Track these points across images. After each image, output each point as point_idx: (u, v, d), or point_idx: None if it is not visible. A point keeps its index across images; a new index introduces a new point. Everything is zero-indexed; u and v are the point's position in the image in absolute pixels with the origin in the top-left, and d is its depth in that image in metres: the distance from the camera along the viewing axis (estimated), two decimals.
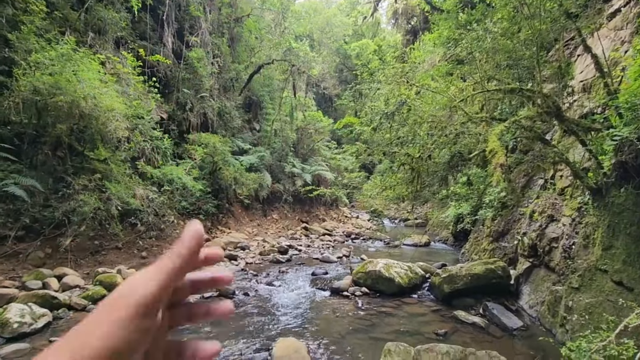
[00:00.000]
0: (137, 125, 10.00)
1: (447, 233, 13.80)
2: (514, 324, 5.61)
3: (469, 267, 6.72)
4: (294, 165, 17.14)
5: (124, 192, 8.70)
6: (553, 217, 6.46)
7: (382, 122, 6.30)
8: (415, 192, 6.74)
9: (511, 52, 5.96)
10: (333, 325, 5.70)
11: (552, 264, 6.06)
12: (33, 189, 7.22)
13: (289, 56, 17.35)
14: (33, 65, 7.22)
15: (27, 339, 4.68)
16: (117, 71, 9.76)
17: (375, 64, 7.52)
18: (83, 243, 7.94)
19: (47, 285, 6.21)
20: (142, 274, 0.35)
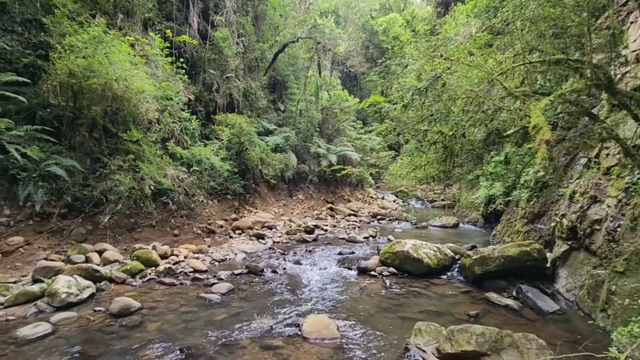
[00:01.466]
0: (167, 106, 10.17)
1: (477, 214, 13.42)
2: (550, 308, 5.42)
3: (502, 249, 6.51)
4: (319, 146, 17.03)
5: (156, 172, 8.96)
6: (596, 198, 6.08)
7: (414, 98, 6.05)
8: (446, 171, 6.51)
9: (557, 19, 5.49)
10: (361, 303, 5.72)
11: (593, 247, 5.75)
12: (73, 169, 7.56)
13: (314, 34, 16.94)
14: (67, 48, 7.41)
15: (74, 308, 5.00)
16: (146, 53, 9.88)
17: (406, 37, 7.17)
18: (120, 220, 8.31)
19: (89, 259, 6.57)
20: None
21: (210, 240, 9.50)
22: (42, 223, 7.20)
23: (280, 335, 4.52)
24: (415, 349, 4.03)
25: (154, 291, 5.98)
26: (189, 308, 5.32)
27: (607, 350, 2.28)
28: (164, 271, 6.67)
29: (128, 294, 5.61)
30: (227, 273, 6.90)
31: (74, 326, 4.56)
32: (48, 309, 4.90)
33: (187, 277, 6.67)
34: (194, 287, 6.22)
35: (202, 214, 10.76)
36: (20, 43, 7.68)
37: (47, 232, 7.15)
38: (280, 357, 4.01)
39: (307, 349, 4.19)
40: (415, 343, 4.10)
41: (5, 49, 7.39)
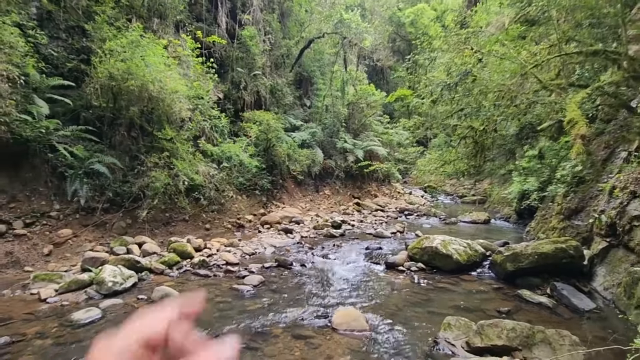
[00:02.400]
0: (198, 105, 10.55)
1: (509, 210, 13.03)
2: (586, 306, 5.26)
3: (536, 246, 6.34)
4: (346, 141, 17.04)
5: (189, 169, 9.35)
6: (636, 193, 5.80)
7: (443, 93, 5.97)
8: (476, 166, 6.40)
9: (593, 8, 5.26)
10: (389, 297, 5.78)
11: (631, 244, 5.51)
12: (114, 167, 8.04)
13: (340, 28, 16.90)
14: (107, 52, 7.85)
15: (119, 296, 5.38)
16: (178, 54, 10.27)
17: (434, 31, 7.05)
18: (157, 215, 8.76)
19: (130, 251, 7.01)
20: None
21: (239, 235, 9.82)
22: (87, 217, 7.72)
23: (311, 325, 4.67)
24: (444, 342, 4.06)
25: (190, 282, 6.31)
26: (223, 298, 5.58)
27: (633, 342, 2.25)
28: (198, 263, 7.00)
29: (167, 283, 5.95)
30: (257, 266, 7.14)
31: (120, 312, 4.92)
32: (97, 296, 5.31)
33: (220, 270, 6.96)
34: (226, 279, 6.50)
35: (231, 209, 11.11)
36: (64, 49, 8.22)
37: (92, 225, 7.66)
38: (312, 346, 4.16)
39: (337, 340, 4.32)
40: (445, 337, 4.13)
41: (52, 54, 7.93)
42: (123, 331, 0.34)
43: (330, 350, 4.11)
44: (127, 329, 0.35)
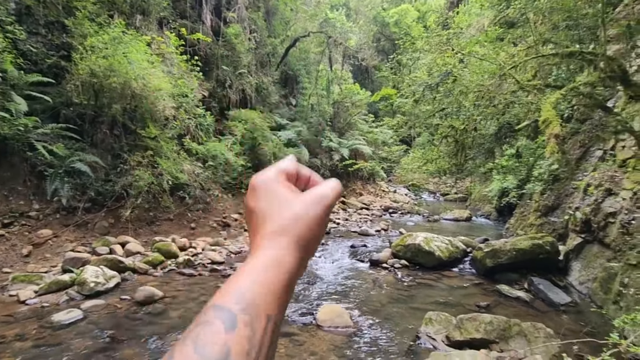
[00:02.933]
0: (182, 103, 10.43)
1: (490, 208, 13.36)
2: (562, 300, 5.47)
3: (514, 242, 6.55)
4: (331, 140, 17.11)
5: (174, 168, 9.25)
6: (611, 190, 6.06)
7: (425, 93, 6.10)
8: (458, 165, 6.55)
9: (571, 10, 5.46)
10: (373, 294, 5.88)
11: (607, 240, 5.76)
12: (96, 165, 7.89)
13: (325, 28, 16.95)
14: (89, 49, 7.69)
15: (102, 297, 5.30)
16: (162, 51, 10.13)
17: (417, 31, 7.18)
18: (140, 214, 8.63)
19: (113, 251, 6.90)
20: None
21: (225, 234, 9.78)
22: (68, 217, 7.56)
23: (296, 323, 4.72)
24: (425, 337, 4.17)
25: (175, 281, 6.27)
26: (208, 297, 5.45)
27: (609, 337, 2.37)
28: (183, 262, 6.95)
29: (151, 283, 5.90)
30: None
31: (102, 313, 4.86)
32: (78, 297, 5.22)
33: (205, 268, 6.94)
34: (212, 278, 6.48)
35: (217, 208, 11.04)
36: (44, 45, 8.00)
37: (73, 225, 7.50)
38: (296, 343, 4.21)
39: (322, 336, 4.38)
40: (426, 331, 4.24)
41: (31, 50, 7.72)
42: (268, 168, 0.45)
43: (315, 346, 4.16)
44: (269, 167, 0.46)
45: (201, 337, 0.31)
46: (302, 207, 0.41)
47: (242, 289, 0.35)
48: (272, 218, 0.41)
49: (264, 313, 0.34)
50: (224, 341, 0.30)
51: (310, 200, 0.42)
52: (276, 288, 0.36)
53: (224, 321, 0.32)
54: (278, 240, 0.39)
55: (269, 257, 0.38)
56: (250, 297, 0.34)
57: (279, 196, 0.42)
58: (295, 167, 0.48)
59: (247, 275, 0.36)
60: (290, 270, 0.38)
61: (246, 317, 0.32)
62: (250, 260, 0.38)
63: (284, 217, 0.40)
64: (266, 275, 0.36)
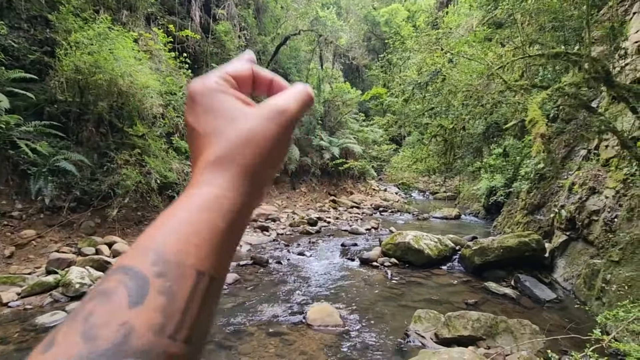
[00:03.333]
0: (170, 101, 10.28)
1: (478, 206, 13.54)
2: (547, 296, 5.58)
3: (502, 240, 6.65)
4: (322, 139, 17.12)
5: (162, 166, 9.12)
6: (595, 189, 6.19)
7: (415, 92, 6.13)
8: (447, 164, 6.62)
9: (557, 12, 5.55)
10: (363, 293, 5.90)
11: (590, 238, 5.88)
12: (81, 164, 7.73)
13: (316, 26, 16.92)
14: (73, 45, 7.52)
15: None
16: (150, 48, 9.97)
17: (406, 31, 7.21)
18: (128, 214, 8.50)
19: (99, 251, 6.78)
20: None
21: None
22: (53, 217, 7.40)
23: (286, 322, 4.71)
24: (414, 334, 4.20)
25: None
26: None
27: (592, 332, 2.43)
28: None
29: None
30: (232, 264, 7.08)
31: None
32: (63, 299, 5.11)
33: None
34: None
35: None
36: (26, 40, 7.80)
37: (58, 226, 7.34)
38: (286, 342, 4.20)
39: (312, 335, 4.38)
40: (415, 329, 4.27)
41: (13, 45, 7.51)
42: (211, 72, 0.36)
43: (305, 346, 4.16)
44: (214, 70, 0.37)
45: (95, 315, 0.23)
46: (253, 124, 0.33)
47: (163, 241, 0.27)
48: (215, 140, 0.33)
49: (191, 270, 0.26)
50: (124, 319, 0.23)
51: (266, 115, 0.34)
52: (213, 235, 0.28)
53: (129, 290, 0.24)
54: (220, 171, 0.31)
55: (206, 195, 0.30)
56: (173, 250, 0.26)
57: (224, 110, 0.34)
58: (248, 69, 0.38)
59: (173, 220, 0.28)
60: (233, 209, 0.30)
61: (161, 280, 0.25)
62: (182, 198, 0.30)
63: (229, 139, 0.32)
64: (199, 218, 0.28)
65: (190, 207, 0.29)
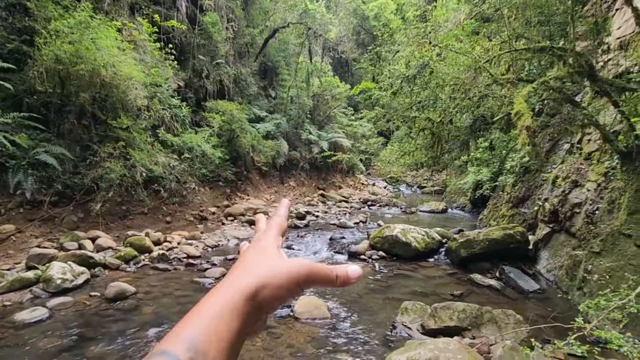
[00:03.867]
0: (156, 93, 10.07)
1: (464, 200, 13.72)
2: (530, 287, 5.69)
3: (487, 232, 6.75)
4: (311, 133, 17.05)
5: (147, 160, 8.95)
6: (577, 182, 6.32)
7: (403, 85, 6.13)
8: (434, 158, 6.66)
9: (543, 7, 5.60)
10: (351, 286, 5.91)
11: (573, 230, 6.01)
12: (63, 157, 7.52)
13: (305, 19, 16.74)
14: (53, 33, 7.26)
15: (69, 294, 5.09)
16: (134, 38, 9.72)
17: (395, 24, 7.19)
18: (112, 208, 8.33)
19: (82, 246, 6.62)
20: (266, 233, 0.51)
21: (202, 227, 9.59)
22: (33, 211, 7.19)
23: (273, 316, 4.68)
24: (401, 326, 4.24)
25: (148, 276, 6.09)
26: (183, 292, 5.45)
27: (574, 321, 2.48)
28: (157, 257, 6.77)
29: (123, 279, 5.71)
30: (220, 258, 7.02)
31: (70, 310, 4.66)
32: (44, 295, 4.99)
33: (180, 263, 6.78)
34: (187, 272, 6.34)
35: (194, 201, 10.81)
36: (4, 28, 7.50)
37: (39, 220, 7.15)
38: (274, 336, 4.19)
39: (299, 328, 4.38)
40: (402, 321, 4.31)
41: None
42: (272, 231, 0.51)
43: (292, 339, 4.16)
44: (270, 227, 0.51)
45: None
46: (283, 266, 0.43)
47: (194, 333, 0.34)
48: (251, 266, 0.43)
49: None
50: None
51: (288, 268, 0.43)
52: (230, 335, 0.36)
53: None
54: (242, 279, 0.41)
55: (227, 298, 0.38)
56: (201, 342, 0.34)
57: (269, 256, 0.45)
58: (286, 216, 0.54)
59: (202, 316, 0.37)
60: (244, 316, 0.38)
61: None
62: (209, 295, 0.39)
63: (259, 274, 0.42)
64: (221, 320, 0.36)
65: (216, 306, 0.38)
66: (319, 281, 0.44)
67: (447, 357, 2.93)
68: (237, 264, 0.45)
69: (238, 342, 0.37)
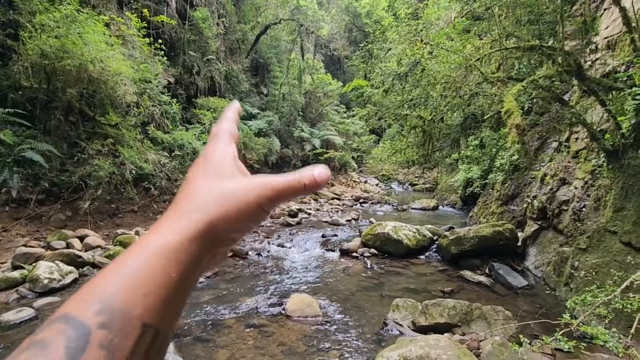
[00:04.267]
0: (145, 89, 9.93)
1: (455, 197, 13.85)
2: (519, 283, 5.77)
3: (477, 230, 6.82)
4: (303, 130, 17.02)
5: (137, 157, 8.82)
6: (565, 180, 6.42)
7: (394, 83, 6.14)
8: (426, 155, 6.70)
9: (533, 6, 5.65)
10: (343, 283, 5.94)
11: (560, 227, 6.11)
12: (49, 154, 7.37)
13: (297, 15, 16.66)
14: (39, 27, 7.10)
15: (57, 294, 5.00)
16: (122, 33, 9.55)
17: (387, 21, 7.21)
18: (101, 206, 8.20)
19: (70, 245, 6.51)
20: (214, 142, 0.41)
21: None
22: (19, 209, 7.05)
23: (265, 314, 4.68)
24: (392, 323, 4.26)
25: None
26: None
27: (561, 317, 2.52)
28: None
29: None
30: None
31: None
32: (30, 295, 4.89)
33: None
34: None
35: None
36: None
37: (25, 219, 7.01)
38: (265, 334, 4.18)
39: (291, 327, 4.37)
40: (393, 318, 4.33)
41: None
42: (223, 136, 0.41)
43: (284, 337, 4.15)
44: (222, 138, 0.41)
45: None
46: (235, 187, 0.34)
47: (111, 290, 0.26)
48: (197, 192, 0.34)
49: (137, 322, 0.25)
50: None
51: (252, 185, 0.35)
52: (164, 285, 0.27)
53: (68, 342, 0.23)
54: (185, 218, 0.31)
55: (164, 241, 0.29)
56: (120, 300, 0.25)
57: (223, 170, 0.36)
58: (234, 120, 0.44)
59: (125, 267, 0.27)
60: (187, 260, 0.29)
61: (104, 332, 0.24)
62: (139, 242, 0.30)
63: (207, 194, 0.34)
64: (152, 265, 0.28)
65: (146, 253, 0.28)
66: (286, 196, 0.36)
67: (438, 354, 2.95)
68: (181, 192, 0.36)
69: (180, 290, 0.29)
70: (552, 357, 3.44)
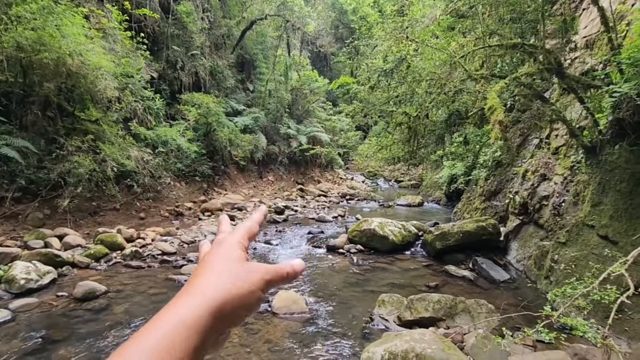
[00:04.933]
0: (127, 84, 9.69)
1: (440, 193, 14.04)
2: (501, 277, 5.90)
3: (461, 225, 6.92)
4: (289, 127, 16.93)
5: (119, 154, 8.61)
6: (545, 176, 6.58)
7: (380, 79, 6.16)
8: (411, 152, 6.76)
9: (515, 4, 5.74)
10: (329, 279, 5.94)
11: (541, 221, 6.26)
12: (26, 150, 7.12)
13: (283, 11, 16.51)
14: (14, 19, 6.82)
15: (34, 294, 4.84)
16: (103, 26, 9.28)
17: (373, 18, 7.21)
18: (81, 204, 7.98)
19: (48, 244, 6.32)
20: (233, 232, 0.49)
21: (178, 223, 9.37)
22: None
23: None
24: (378, 318, 4.29)
25: (121, 274, 5.89)
26: (157, 290, 5.31)
27: (542, 309, 2.58)
28: (130, 254, 6.55)
29: (92, 278, 5.49)
30: (196, 254, 6.86)
31: (35, 312, 4.44)
32: (6, 296, 4.73)
33: (155, 260, 6.60)
34: (162, 270, 6.18)
35: (169, 196, 10.53)
36: None
37: (0, 218, 6.76)
38: (251, 332, 4.15)
39: (277, 324, 4.36)
40: (379, 313, 4.36)
41: None
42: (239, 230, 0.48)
43: (270, 334, 4.13)
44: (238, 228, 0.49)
45: None
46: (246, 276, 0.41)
47: (140, 354, 0.31)
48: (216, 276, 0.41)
49: None
50: None
51: (255, 273, 0.42)
52: (187, 355, 0.33)
53: None
54: (210, 297, 0.37)
55: (188, 314, 0.35)
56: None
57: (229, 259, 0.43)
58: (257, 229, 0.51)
59: (153, 334, 0.33)
60: (207, 336, 0.35)
61: None
62: (167, 309, 0.36)
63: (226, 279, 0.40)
64: (177, 338, 0.33)
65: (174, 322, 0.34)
66: (276, 283, 0.44)
67: (423, 348, 2.99)
68: (200, 271, 0.42)
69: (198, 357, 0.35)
70: (534, 349, 3.53)
